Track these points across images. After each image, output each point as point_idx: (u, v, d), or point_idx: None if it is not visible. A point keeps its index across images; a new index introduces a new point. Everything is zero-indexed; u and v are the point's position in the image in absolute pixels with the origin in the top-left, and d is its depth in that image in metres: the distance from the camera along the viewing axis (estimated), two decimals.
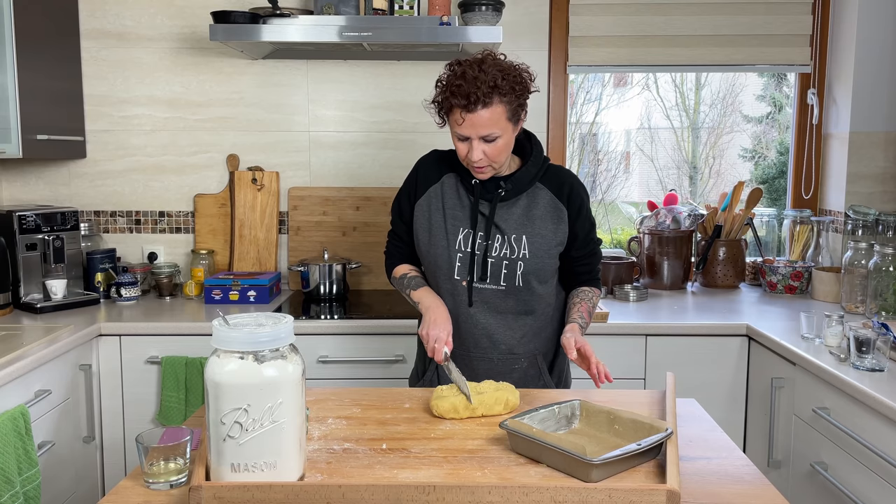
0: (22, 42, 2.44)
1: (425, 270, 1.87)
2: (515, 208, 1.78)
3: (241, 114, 2.97)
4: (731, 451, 1.43)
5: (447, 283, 1.80)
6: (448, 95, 1.65)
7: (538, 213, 1.78)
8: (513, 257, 1.76)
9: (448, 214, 1.79)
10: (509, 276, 1.76)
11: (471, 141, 1.67)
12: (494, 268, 1.77)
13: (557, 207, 1.79)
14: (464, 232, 1.78)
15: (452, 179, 1.82)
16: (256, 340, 1.17)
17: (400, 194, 1.90)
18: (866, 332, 1.91)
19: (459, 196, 1.80)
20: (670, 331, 2.44)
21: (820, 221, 3.02)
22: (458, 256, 1.77)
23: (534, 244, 1.76)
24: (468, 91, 1.61)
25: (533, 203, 1.78)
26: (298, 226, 2.99)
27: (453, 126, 1.68)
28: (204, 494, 1.16)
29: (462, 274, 1.78)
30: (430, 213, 1.81)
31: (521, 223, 1.77)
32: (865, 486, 1.79)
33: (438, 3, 2.65)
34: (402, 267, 1.91)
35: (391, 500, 1.17)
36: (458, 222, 1.79)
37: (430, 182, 1.83)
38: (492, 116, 1.63)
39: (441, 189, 1.82)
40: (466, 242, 1.77)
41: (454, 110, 1.65)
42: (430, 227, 1.81)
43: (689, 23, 2.96)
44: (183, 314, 2.55)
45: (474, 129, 1.64)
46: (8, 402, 1.92)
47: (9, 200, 2.99)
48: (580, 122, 3.48)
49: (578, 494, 1.16)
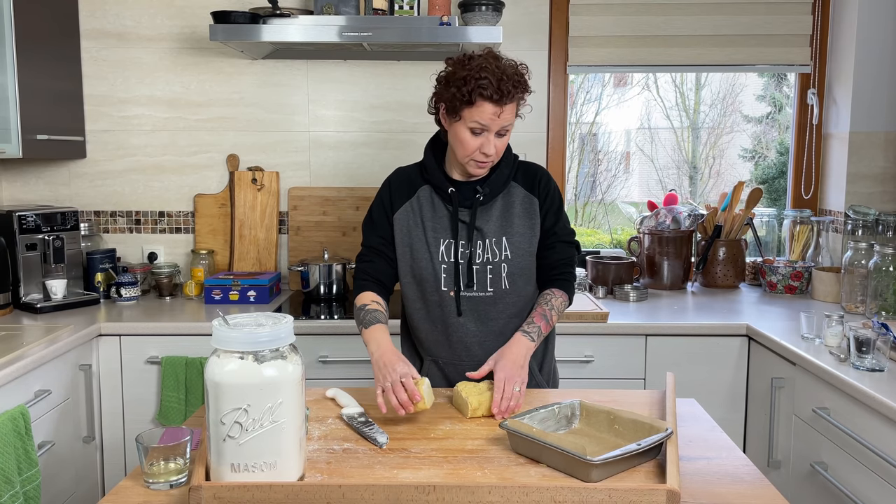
0: (22, 42, 2.44)
1: (408, 286, 1.81)
2: (493, 210, 1.77)
3: (241, 114, 2.97)
4: (731, 451, 1.43)
5: (434, 296, 1.77)
6: (475, 87, 1.60)
7: (515, 212, 1.77)
8: (496, 261, 1.74)
9: (427, 227, 1.77)
10: (495, 280, 1.75)
11: (487, 134, 1.65)
12: (480, 274, 1.75)
13: (531, 201, 1.78)
14: (445, 242, 1.75)
15: (427, 192, 1.79)
16: (256, 340, 1.17)
17: (371, 211, 1.84)
18: (866, 332, 1.91)
19: (435, 207, 1.78)
20: (670, 331, 2.44)
21: (820, 221, 3.02)
22: (442, 267, 1.75)
23: (514, 244, 1.75)
24: (498, 84, 1.61)
25: (509, 203, 1.78)
26: (298, 226, 2.99)
27: (473, 118, 1.63)
28: (204, 494, 1.16)
29: (448, 284, 1.75)
30: (408, 227, 1.78)
31: (500, 225, 1.76)
32: (865, 486, 1.79)
33: (438, 3, 2.65)
34: (365, 296, 1.78)
35: (391, 500, 1.17)
36: (437, 234, 1.76)
37: (404, 197, 1.80)
38: (513, 110, 1.66)
39: (417, 203, 1.79)
40: (449, 252, 1.75)
41: (482, 103, 1.61)
42: (411, 242, 1.78)
43: (689, 23, 2.96)
44: (183, 314, 2.55)
45: (500, 121, 1.64)
46: (8, 402, 1.92)
47: (9, 200, 2.99)
48: (580, 122, 3.48)
49: (578, 494, 1.16)
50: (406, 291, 1.82)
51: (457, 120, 1.66)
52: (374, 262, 1.81)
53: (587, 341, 2.43)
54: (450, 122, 1.69)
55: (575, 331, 2.39)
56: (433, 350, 1.82)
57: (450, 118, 1.68)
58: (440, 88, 1.69)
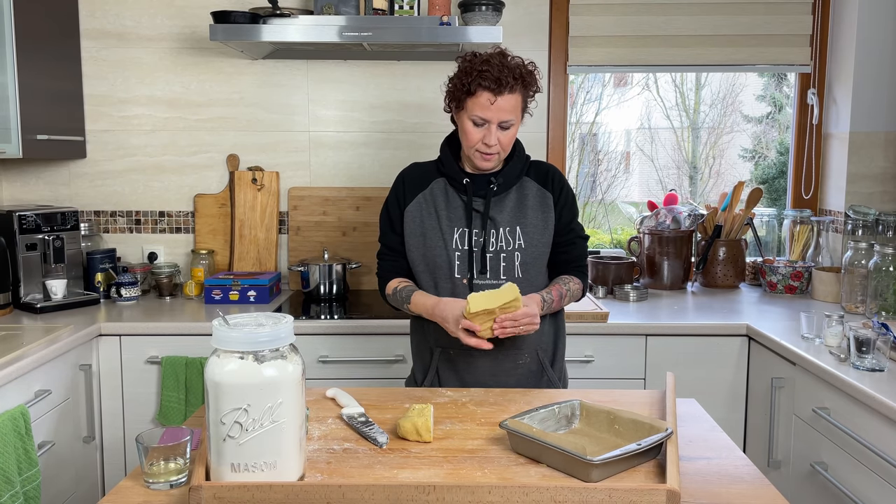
0: (22, 42, 2.44)
1: (421, 274, 1.86)
2: (507, 201, 1.82)
3: (241, 114, 2.97)
4: (731, 451, 1.43)
5: (447, 283, 1.81)
6: (475, 77, 1.69)
7: (529, 204, 1.83)
8: (509, 249, 1.79)
9: (441, 216, 1.82)
10: (508, 268, 1.80)
11: (489, 126, 1.72)
12: (493, 262, 1.80)
13: (544, 195, 1.85)
14: (459, 230, 1.81)
15: (441, 184, 1.86)
16: (256, 340, 1.17)
17: (387, 206, 1.90)
18: (866, 332, 1.91)
19: (449, 197, 1.84)
20: (670, 331, 2.44)
21: (820, 221, 3.02)
22: (455, 255, 1.80)
23: (527, 234, 1.81)
24: (497, 75, 1.67)
25: (522, 195, 1.84)
26: (298, 226, 2.99)
27: (473, 110, 1.72)
28: (204, 494, 1.16)
29: (462, 272, 1.80)
30: (421, 217, 1.84)
31: (514, 215, 1.81)
32: (865, 486, 1.79)
33: (438, 3, 2.65)
34: (393, 282, 1.88)
35: (391, 500, 1.17)
36: (451, 222, 1.81)
37: (418, 189, 1.86)
38: (514, 103, 1.72)
39: (431, 194, 1.85)
40: (463, 240, 1.80)
41: (480, 93, 1.69)
42: (424, 231, 1.83)
43: (689, 23, 2.96)
44: (183, 314, 2.55)
45: (498, 112, 1.70)
46: (8, 402, 1.92)
47: (9, 200, 2.99)
48: (580, 122, 3.48)
49: (578, 494, 1.16)
50: (419, 280, 1.87)
51: (461, 111, 1.75)
52: (397, 260, 1.89)
53: (587, 341, 2.43)
54: (457, 114, 1.78)
55: (575, 331, 2.39)
56: (443, 340, 1.82)
57: (456, 110, 1.77)
58: (449, 83, 1.77)
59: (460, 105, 1.74)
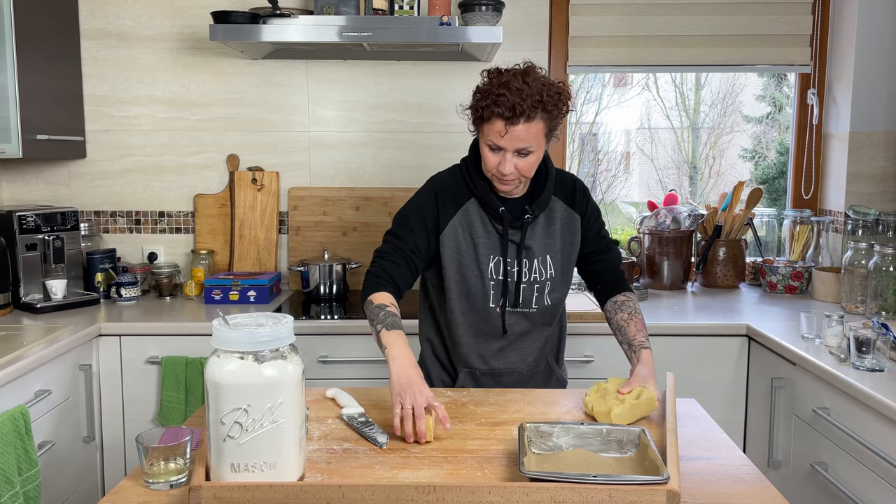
0: (22, 42, 2.44)
1: (454, 301, 1.77)
2: (537, 227, 1.77)
3: (241, 114, 2.97)
4: (731, 451, 1.43)
5: (481, 311, 1.77)
6: (490, 104, 1.58)
7: (557, 228, 1.79)
8: (542, 279, 1.77)
9: (478, 244, 1.74)
10: (539, 298, 1.78)
11: (504, 153, 1.62)
12: (526, 292, 1.77)
13: (571, 217, 1.81)
14: (494, 259, 1.74)
15: (475, 206, 1.75)
16: (256, 340, 1.17)
17: (409, 214, 1.76)
18: (866, 332, 1.91)
19: (484, 224, 1.75)
20: (670, 331, 2.44)
21: (820, 221, 3.02)
22: (490, 284, 1.75)
23: (556, 261, 1.78)
24: (513, 102, 1.55)
25: (551, 218, 1.79)
26: (298, 226, 2.99)
27: (489, 136, 1.62)
28: (204, 494, 1.16)
29: (496, 301, 1.76)
30: (457, 243, 1.75)
31: (545, 242, 1.77)
32: (865, 486, 1.79)
33: (438, 3, 2.65)
34: (384, 296, 1.66)
35: (391, 500, 1.17)
36: (487, 250, 1.74)
37: (452, 210, 1.75)
38: (532, 131, 1.59)
39: (466, 218, 1.75)
40: (497, 270, 1.75)
41: (494, 120, 1.59)
42: (461, 258, 1.75)
43: (689, 23, 2.96)
44: (183, 314, 2.55)
45: (513, 142, 1.59)
46: (8, 402, 1.92)
47: (9, 200, 2.99)
48: (580, 123, 3.48)
49: (579, 494, 1.16)
50: (453, 306, 1.78)
51: (479, 133, 1.67)
52: (399, 265, 1.71)
53: (587, 341, 2.43)
54: (477, 134, 1.69)
55: (575, 331, 2.39)
56: (471, 361, 1.83)
57: (475, 131, 1.69)
58: (472, 98, 1.66)
59: (478, 128, 1.66)
